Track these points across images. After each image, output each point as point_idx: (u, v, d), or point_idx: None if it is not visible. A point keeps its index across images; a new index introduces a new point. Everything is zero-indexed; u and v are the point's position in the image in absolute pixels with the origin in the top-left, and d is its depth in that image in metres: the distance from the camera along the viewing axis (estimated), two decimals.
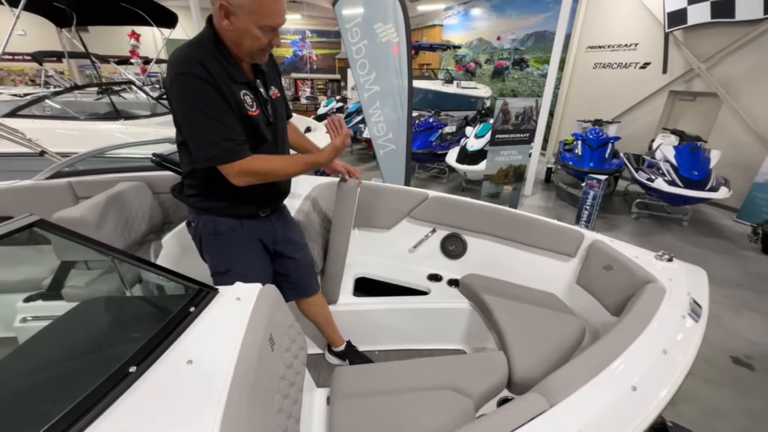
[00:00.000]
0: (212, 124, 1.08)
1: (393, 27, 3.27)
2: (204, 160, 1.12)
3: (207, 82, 1.05)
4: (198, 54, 1.06)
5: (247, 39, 1.08)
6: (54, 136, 3.32)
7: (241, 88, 1.14)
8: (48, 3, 3.65)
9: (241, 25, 1.05)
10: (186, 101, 1.06)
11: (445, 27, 11.69)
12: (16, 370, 0.80)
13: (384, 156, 3.79)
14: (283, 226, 1.47)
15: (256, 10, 1.03)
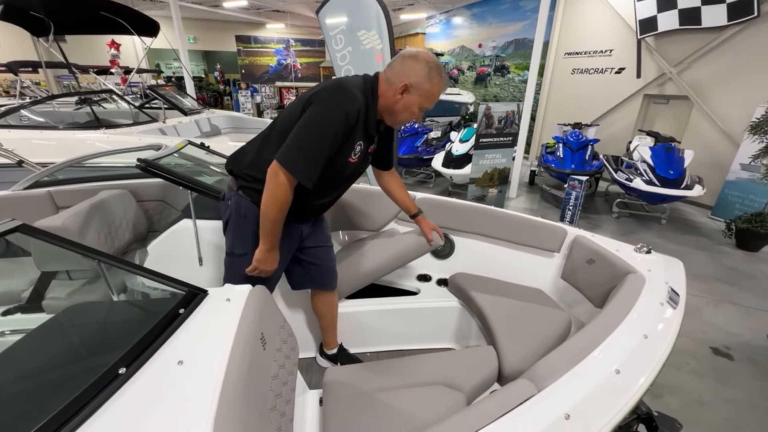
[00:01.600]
0: (316, 149, 1.19)
1: (377, 34, 3.33)
2: (284, 158, 1.19)
3: (347, 125, 1.21)
4: (362, 100, 1.23)
5: (406, 113, 1.29)
6: (32, 146, 3.24)
7: (360, 139, 1.30)
8: (24, 12, 3.59)
9: (409, 102, 1.26)
10: (320, 119, 1.18)
11: (428, 35, 11.91)
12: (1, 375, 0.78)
13: None
14: (313, 227, 1.57)
15: (426, 95, 1.26)
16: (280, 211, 1.25)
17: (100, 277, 1.83)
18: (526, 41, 8.02)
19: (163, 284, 1.01)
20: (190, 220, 1.80)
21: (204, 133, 4.40)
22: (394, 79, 1.24)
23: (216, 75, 15.40)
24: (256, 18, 12.93)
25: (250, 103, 12.34)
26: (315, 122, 1.18)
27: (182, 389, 0.77)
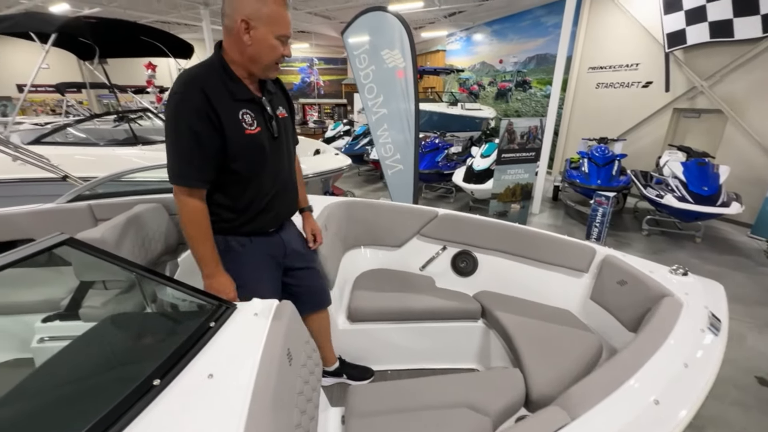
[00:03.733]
0: (180, 147, 1.12)
1: (399, 53, 3.40)
2: (169, 175, 1.17)
3: (196, 107, 1.09)
4: (203, 74, 1.13)
5: (266, 50, 1.15)
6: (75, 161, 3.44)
7: (242, 107, 1.19)
8: (74, 39, 3.87)
9: (260, 37, 1.13)
10: (169, 120, 1.12)
11: (449, 52, 12.06)
12: (43, 384, 0.82)
13: (392, 176, 3.85)
14: (291, 240, 1.50)
15: (273, 22, 1.13)
16: (195, 229, 1.18)
17: (133, 288, 1.91)
18: (548, 56, 7.99)
19: (195, 297, 1.04)
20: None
21: None
22: (231, 26, 1.11)
23: None
24: None
25: None
26: (168, 125, 1.12)
27: (212, 403, 0.78)
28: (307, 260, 1.56)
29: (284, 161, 1.36)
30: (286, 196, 1.40)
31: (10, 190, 3.20)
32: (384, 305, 1.83)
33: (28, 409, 0.77)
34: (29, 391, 0.81)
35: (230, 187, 1.24)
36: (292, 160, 1.44)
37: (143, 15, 9.25)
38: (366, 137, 7.78)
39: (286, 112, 1.38)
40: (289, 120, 1.40)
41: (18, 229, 2.24)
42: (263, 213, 1.33)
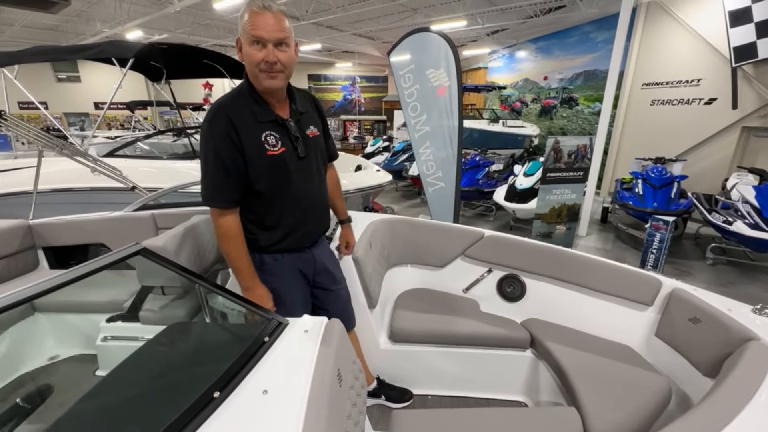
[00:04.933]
0: (209, 171, 1.20)
1: (444, 72, 3.43)
2: (202, 198, 1.24)
3: (221, 132, 1.15)
4: (229, 101, 1.20)
5: (247, 60, 1.16)
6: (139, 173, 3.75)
7: (265, 129, 1.22)
8: (146, 62, 4.28)
9: (244, 50, 1.15)
10: (201, 144, 1.21)
11: (490, 69, 11.99)
12: (116, 389, 0.87)
13: (433, 193, 3.82)
14: (323, 258, 1.51)
15: (246, 29, 1.12)
16: (229, 245, 1.24)
17: (190, 296, 2.01)
18: (596, 72, 7.70)
19: (251, 311, 1.07)
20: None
21: None
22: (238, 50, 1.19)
23: None
24: (327, 58, 14.11)
25: None
26: (200, 150, 1.22)
27: (267, 420, 0.79)
28: (335, 282, 1.54)
29: (313, 180, 1.36)
30: (315, 215, 1.40)
31: (85, 198, 3.54)
32: (427, 327, 1.78)
33: (100, 413, 0.82)
34: (102, 394, 0.87)
35: (258, 207, 1.29)
36: (322, 178, 1.44)
37: (203, 39, 10.08)
38: (405, 153, 7.84)
39: (318, 131, 1.38)
40: (320, 138, 1.40)
41: (91, 234, 2.46)
42: (293, 232, 1.34)
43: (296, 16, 8.16)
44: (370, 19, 9.04)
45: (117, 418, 0.78)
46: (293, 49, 1.19)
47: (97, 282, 2.19)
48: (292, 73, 1.23)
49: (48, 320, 2.08)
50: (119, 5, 7.67)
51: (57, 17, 8.55)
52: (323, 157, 1.44)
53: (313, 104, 1.42)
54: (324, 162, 1.46)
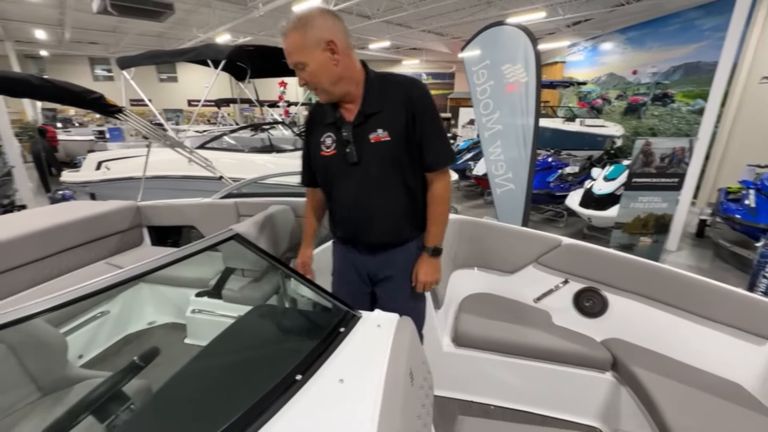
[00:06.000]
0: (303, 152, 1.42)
1: (522, 67, 3.24)
2: None
3: (307, 126, 1.38)
4: (318, 102, 1.31)
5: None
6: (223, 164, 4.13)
7: (326, 130, 1.27)
8: (234, 63, 4.67)
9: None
10: None
11: (568, 64, 11.11)
12: (210, 361, 0.96)
13: (501, 195, 3.65)
14: (378, 269, 1.36)
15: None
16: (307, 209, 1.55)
17: (268, 280, 2.17)
18: (700, 65, 6.72)
19: (328, 300, 1.12)
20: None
21: None
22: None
23: None
24: (395, 56, 14.21)
25: None
26: None
27: (344, 408, 0.81)
28: (391, 297, 1.38)
29: (365, 188, 1.24)
30: (355, 223, 1.31)
31: (178, 184, 4.00)
32: (494, 334, 1.71)
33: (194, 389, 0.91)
34: (199, 364, 0.96)
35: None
36: (383, 186, 1.24)
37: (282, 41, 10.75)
38: (469, 152, 7.61)
39: (388, 136, 1.18)
40: (388, 145, 1.19)
41: (185, 217, 2.77)
42: (339, 227, 1.40)
43: (367, 14, 8.32)
44: (441, 14, 8.90)
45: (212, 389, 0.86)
46: (315, 62, 1.10)
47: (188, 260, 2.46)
48: (335, 78, 1.14)
49: (149, 290, 2.39)
50: (212, 12, 8.49)
51: (162, 25, 9.75)
52: (393, 164, 1.21)
53: (405, 103, 1.17)
54: (395, 169, 1.22)
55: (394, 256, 1.33)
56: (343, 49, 1.12)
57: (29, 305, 0.77)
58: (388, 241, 1.32)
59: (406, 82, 1.21)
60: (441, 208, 1.29)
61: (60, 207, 2.72)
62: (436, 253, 1.32)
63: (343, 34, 1.13)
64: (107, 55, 14.45)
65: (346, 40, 1.14)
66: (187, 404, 0.87)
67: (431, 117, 1.21)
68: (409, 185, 1.26)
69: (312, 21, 1.08)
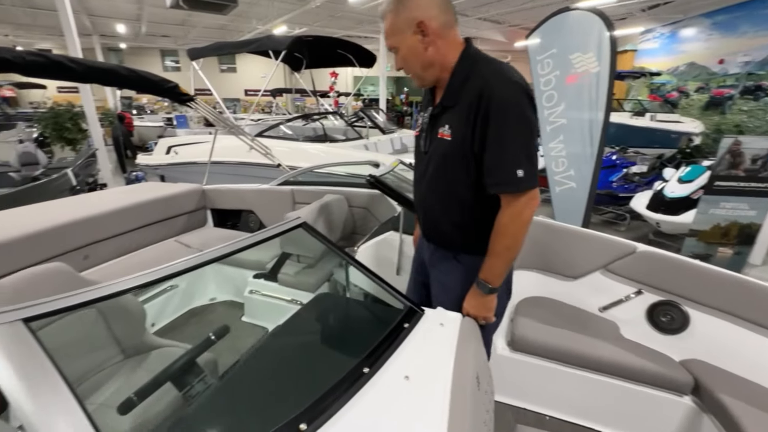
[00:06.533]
0: None
1: (594, 55, 2.99)
2: None
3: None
4: None
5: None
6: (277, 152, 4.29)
7: (424, 111, 1.21)
8: (291, 54, 4.80)
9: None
10: None
11: (640, 52, 10.14)
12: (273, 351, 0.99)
13: (560, 194, 3.44)
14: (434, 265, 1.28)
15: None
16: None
17: (316, 266, 2.22)
18: None
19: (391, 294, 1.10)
20: (396, 233, 1.98)
21: (395, 150, 4.94)
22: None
23: (402, 97, 17.23)
24: None
25: None
26: None
27: (411, 407, 0.80)
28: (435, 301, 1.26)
29: (423, 179, 1.19)
30: (421, 213, 1.27)
31: (236, 170, 4.21)
32: (554, 341, 1.61)
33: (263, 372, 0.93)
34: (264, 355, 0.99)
35: None
36: (433, 186, 1.16)
37: (335, 31, 10.90)
38: None
39: (450, 135, 1.06)
40: (448, 144, 1.07)
41: (245, 202, 2.91)
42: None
43: None
44: (499, 1, 8.47)
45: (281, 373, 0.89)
46: (405, 46, 1.04)
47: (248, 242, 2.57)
48: (426, 63, 1.06)
49: (212, 268, 2.54)
50: (271, 4, 8.78)
51: (224, 18, 10.26)
52: (447, 168, 1.10)
53: (477, 104, 0.99)
54: (448, 175, 1.11)
55: (442, 260, 1.23)
56: (435, 31, 1.00)
57: (128, 279, 0.84)
58: (438, 242, 1.24)
59: (489, 78, 0.99)
60: (500, 241, 1.06)
61: (136, 188, 2.98)
62: (485, 288, 1.09)
63: (440, 11, 1.01)
64: (176, 47, 15.57)
65: (444, 18, 1.01)
66: (257, 387, 0.90)
67: (500, 129, 0.98)
68: (461, 198, 1.10)
69: (405, 0, 1.00)
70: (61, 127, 6.47)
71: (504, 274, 1.10)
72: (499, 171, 1.00)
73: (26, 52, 1.77)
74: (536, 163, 1.02)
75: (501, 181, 1.01)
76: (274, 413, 0.75)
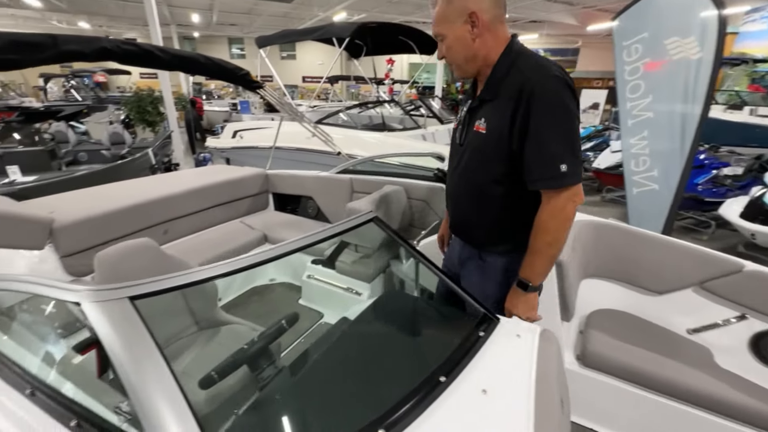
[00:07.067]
0: None
1: (695, 40, 2.61)
2: None
3: None
4: None
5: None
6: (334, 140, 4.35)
7: (463, 104, 1.21)
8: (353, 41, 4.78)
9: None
10: None
11: (742, 35, 8.80)
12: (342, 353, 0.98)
13: (638, 195, 3.11)
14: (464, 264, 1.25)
15: None
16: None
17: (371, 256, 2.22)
18: None
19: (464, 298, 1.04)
20: None
21: None
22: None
23: (457, 86, 16.66)
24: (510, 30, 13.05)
25: None
26: None
27: (491, 423, 0.75)
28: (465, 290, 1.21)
29: (455, 171, 1.20)
30: (452, 207, 1.27)
31: (295, 156, 4.33)
32: (633, 361, 1.46)
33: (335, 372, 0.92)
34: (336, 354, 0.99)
35: None
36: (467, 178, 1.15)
37: (393, 17, 10.72)
38: (589, 141, 6.70)
39: (485, 129, 1.06)
40: (484, 138, 1.06)
41: (305, 188, 2.98)
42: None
43: None
44: None
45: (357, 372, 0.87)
46: (453, 35, 1.04)
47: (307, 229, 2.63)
48: (470, 55, 1.05)
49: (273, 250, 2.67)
50: None
51: (288, 6, 10.54)
52: (481, 162, 1.10)
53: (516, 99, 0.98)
54: (481, 170, 1.10)
55: (468, 259, 1.23)
56: (485, 23, 1.00)
57: (219, 265, 0.87)
58: (464, 237, 1.25)
59: (530, 72, 0.97)
60: (541, 237, 1.02)
61: (206, 170, 3.18)
62: (525, 287, 1.06)
63: (492, 4, 1.01)
64: (242, 35, 16.36)
65: (495, 12, 1.02)
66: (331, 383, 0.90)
67: (542, 123, 0.96)
68: (489, 193, 1.09)
69: None
70: (143, 110, 7.11)
71: (546, 273, 1.07)
72: (542, 166, 0.98)
73: (122, 41, 1.92)
74: (580, 157, 1.00)
75: (544, 176, 0.98)
76: (349, 413, 0.74)
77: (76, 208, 1.96)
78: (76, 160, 5.10)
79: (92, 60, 1.82)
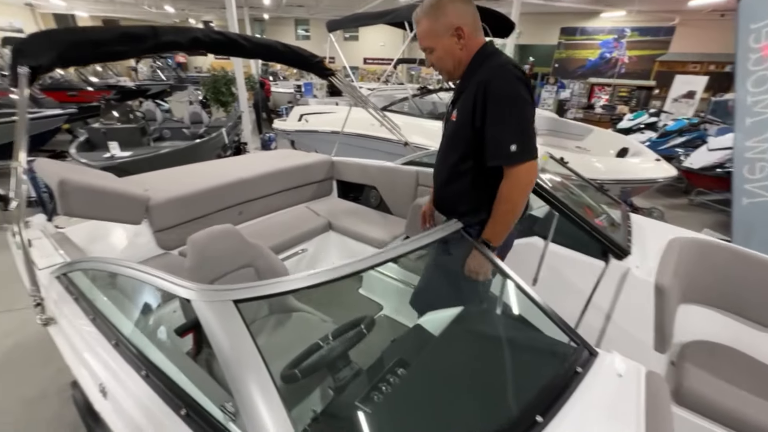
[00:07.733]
0: None
1: None
2: None
3: None
4: None
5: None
6: None
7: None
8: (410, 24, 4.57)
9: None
10: None
11: None
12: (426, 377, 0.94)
13: (749, 207, 2.67)
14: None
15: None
16: None
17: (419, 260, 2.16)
18: None
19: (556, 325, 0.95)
20: (541, 240, 1.78)
21: None
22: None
23: (526, 67, 15.57)
24: (592, 6, 11.76)
25: (552, 98, 11.74)
26: None
27: None
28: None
29: (439, 155, 1.42)
30: (434, 185, 1.45)
31: (359, 142, 4.34)
32: (738, 407, 1.26)
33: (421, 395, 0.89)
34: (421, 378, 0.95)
35: None
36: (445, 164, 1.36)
37: None
38: (681, 136, 5.90)
39: (457, 117, 1.28)
40: (457, 126, 1.28)
41: (368, 177, 2.97)
42: None
43: None
44: None
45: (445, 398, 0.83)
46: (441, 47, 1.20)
47: (370, 219, 2.62)
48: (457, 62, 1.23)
49: (337, 238, 2.72)
50: None
51: None
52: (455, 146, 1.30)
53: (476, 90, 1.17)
54: (455, 151, 1.30)
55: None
56: (469, 34, 1.17)
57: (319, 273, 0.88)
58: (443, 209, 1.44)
59: (489, 69, 1.17)
60: (501, 207, 1.23)
61: (275, 154, 3.29)
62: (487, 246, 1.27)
63: (472, 18, 1.19)
64: (307, 17, 16.61)
65: (474, 25, 1.20)
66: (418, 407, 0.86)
67: (496, 108, 1.14)
68: (461, 170, 1.30)
69: (443, 8, 1.15)
70: (218, 90, 7.57)
71: (504, 236, 1.28)
72: (495, 146, 1.17)
73: (212, 31, 2.00)
74: (533, 137, 1.16)
75: (497, 155, 1.18)
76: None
77: (166, 187, 2.13)
78: (161, 137, 5.60)
79: (186, 49, 1.92)
